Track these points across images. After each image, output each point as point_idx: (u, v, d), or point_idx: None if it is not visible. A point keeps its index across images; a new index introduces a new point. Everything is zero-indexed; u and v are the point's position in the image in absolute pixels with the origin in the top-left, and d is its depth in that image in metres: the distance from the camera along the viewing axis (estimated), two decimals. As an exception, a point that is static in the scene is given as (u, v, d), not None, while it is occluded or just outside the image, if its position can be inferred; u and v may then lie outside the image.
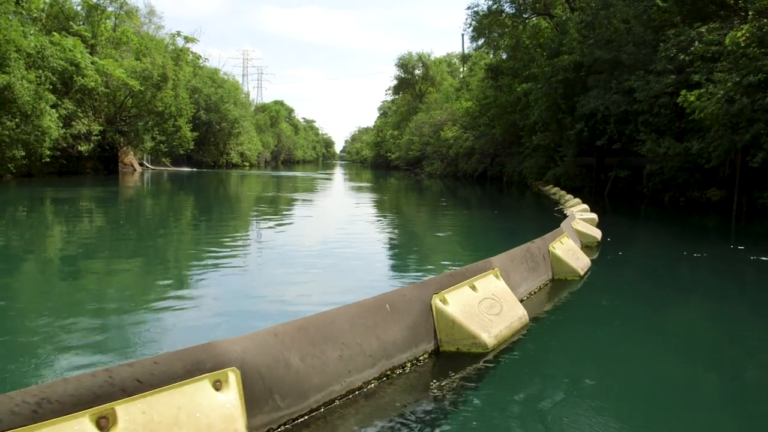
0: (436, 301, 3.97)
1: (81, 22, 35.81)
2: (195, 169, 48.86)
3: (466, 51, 54.14)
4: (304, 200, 21.74)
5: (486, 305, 4.30)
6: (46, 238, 10.06)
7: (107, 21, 37.79)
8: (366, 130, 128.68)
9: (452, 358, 3.89)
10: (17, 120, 23.25)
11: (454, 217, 15.73)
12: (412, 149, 51.10)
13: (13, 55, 23.73)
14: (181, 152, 42.98)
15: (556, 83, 23.00)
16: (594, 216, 11.78)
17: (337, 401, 3.05)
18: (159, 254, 8.72)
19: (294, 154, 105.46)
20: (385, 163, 71.56)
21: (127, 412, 2.12)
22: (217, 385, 2.43)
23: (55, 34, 29.91)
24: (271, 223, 13.13)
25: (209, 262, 7.83)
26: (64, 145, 29.08)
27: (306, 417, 2.86)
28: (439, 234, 12.26)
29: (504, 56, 37.48)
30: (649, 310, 5.69)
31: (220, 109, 52.27)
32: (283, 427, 2.74)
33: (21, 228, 11.50)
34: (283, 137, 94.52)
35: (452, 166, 41.82)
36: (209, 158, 54.76)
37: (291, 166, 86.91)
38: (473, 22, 35.14)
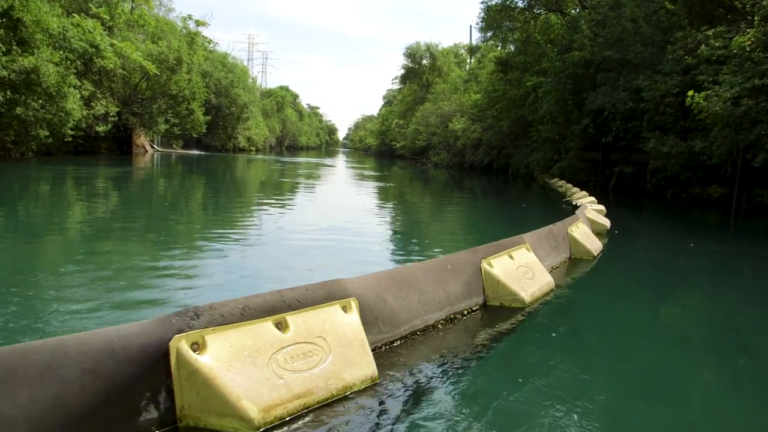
0: (484, 265, 4.83)
1: (98, 5, 36.43)
2: (204, 152, 49.64)
3: (474, 42, 54.80)
4: (315, 186, 22.59)
5: (521, 271, 5.16)
6: (74, 213, 10.87)
7: (123, 3, 38.43)
8: (370, 118, 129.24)
9: (497, 310, 4.76)
10: (41, 100, 23.96)
11: (478, 206, 16.60)
12: (419, 139, 51.78)
13: (38, 36, 24.42)
14: (194, 135, 43.75)
15: (566, 78, 23.76)
16: (602, 207, 12.62)
17: (418, 333, 3.93)
18: (183, 230, 9.57)
19: (298, 140, 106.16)
20: (389, 151, 72.25)
21: (294, 321, 2.98)
22: (345, 309, 3.29)
23: (75, 15, 30.54)
24: (284, 206, 13.93)
25: (226, 237, 8.68)
26: (84, 125, 29.82)
27: (398, 342, 3.73)
28: (465, 220, 13.13)
29: (512, 48, 38.19)
30: (652, 289, 6.56)
31: (230, 94, 52.96)
32: (384, 347, 3.61)
33: (51, 203, 12.32)
34: (288, 123, 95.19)
35: (458, 157, 42.58)
36: (217, 142, 55.52)
37: (295, 152, 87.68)
38: (484, 15, 35.81)
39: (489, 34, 38.67)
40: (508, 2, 33.00)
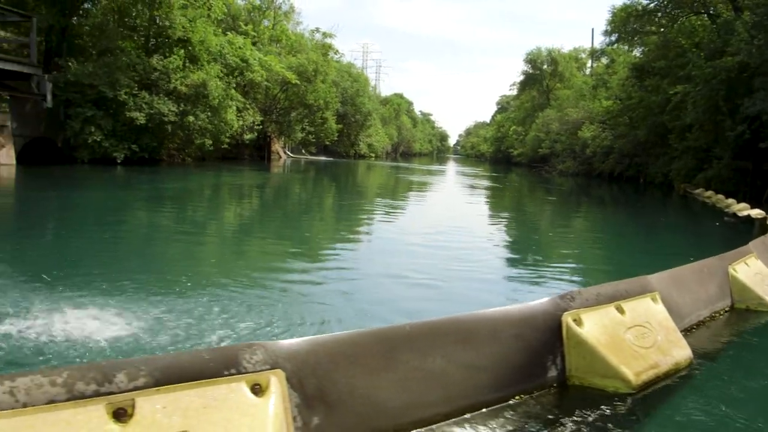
0: (731, 270, 5.28)
1: (245, 23, 39.58)
2: (330, 158, 52.21)
3: (597, 46, 53.23)
4: (447, 193, 23.47)
5: (759, 278, 5.54)
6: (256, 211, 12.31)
7: (264, 21, 41.47)
8: (482, 124, 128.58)
9: (744, 313, 5.21)
10: (209, 112, 26.62)
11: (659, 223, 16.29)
12: (541, 146, 51.02)
13: (203, 55, 27.23)
14: (327, 143, 46.21)
15: (718, 84, 22.84)
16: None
17: (693, 327, 4.50)
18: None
19: (412, 147, 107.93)
20: (504, 158, 71.68)
21: (626, 307, 3.65)
22: (653, 300, 3.92)
23: (228, 33, 33.48)
24: (430, 211, 14.79)
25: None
26: (236, 134, 32.66)
27: (684, 332, 4.31)
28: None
29: (639, 53, 36.80)
30: None
31: (356, 102, 55.25)
32: (676, 336, 4.22)
33: (245, 203, 13.97)
34: (404, 130, 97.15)
35: (585, 165, 41.61)
36: (342, 148, 58.08)
37: (409, 159, 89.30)
38: (612, 18, 35.00)
39: (614, 37, 37.58)
40: (647, 5, 32.08)
